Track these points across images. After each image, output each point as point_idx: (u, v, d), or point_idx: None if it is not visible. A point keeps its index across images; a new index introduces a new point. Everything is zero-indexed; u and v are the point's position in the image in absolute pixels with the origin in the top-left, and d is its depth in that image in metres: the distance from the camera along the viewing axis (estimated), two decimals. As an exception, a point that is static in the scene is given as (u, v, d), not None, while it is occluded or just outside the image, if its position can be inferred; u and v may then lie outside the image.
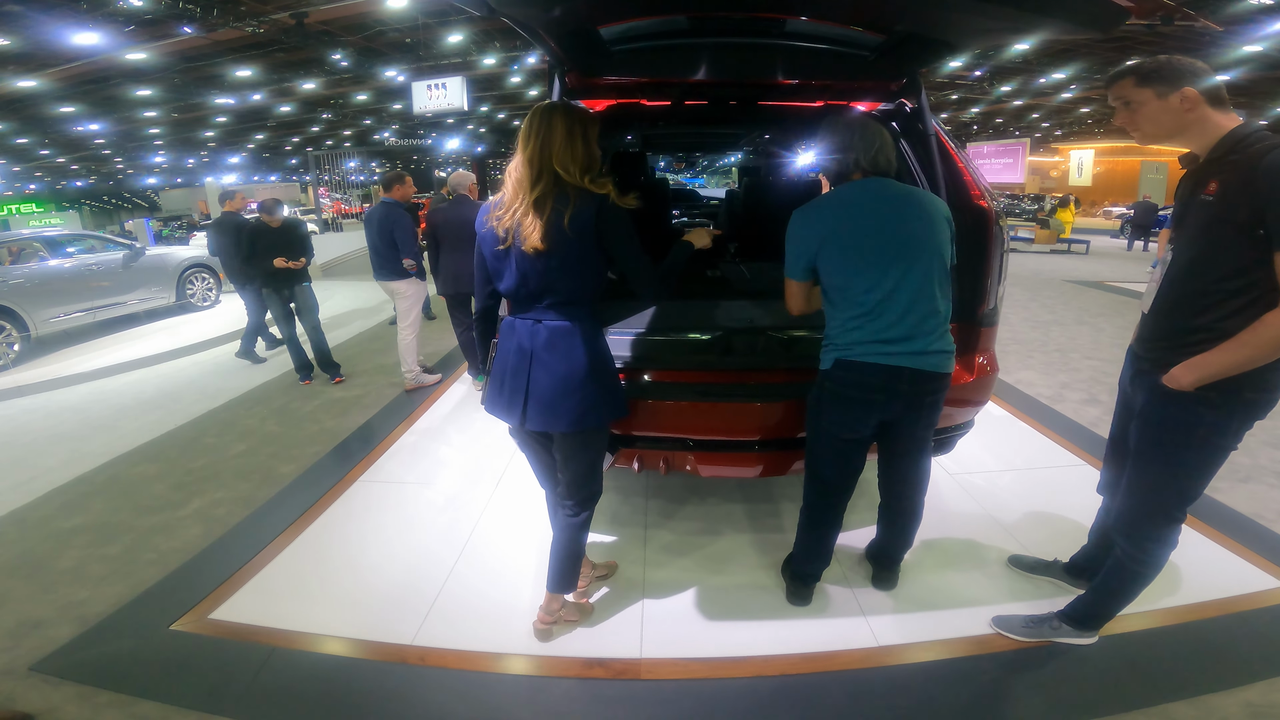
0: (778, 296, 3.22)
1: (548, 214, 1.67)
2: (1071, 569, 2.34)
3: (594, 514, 2.06)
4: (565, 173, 1.67)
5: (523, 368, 1.81)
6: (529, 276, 1.75)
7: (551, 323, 1.79)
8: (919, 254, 1.78)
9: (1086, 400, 4.28)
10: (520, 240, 1.69)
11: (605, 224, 1.70)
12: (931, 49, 2.06)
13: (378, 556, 2.65)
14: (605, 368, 1.86)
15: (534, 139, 1.68)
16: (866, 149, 1.80)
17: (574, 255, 1.71)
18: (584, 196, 1.68)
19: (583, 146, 1.70)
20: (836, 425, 1.92)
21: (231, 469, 3.55)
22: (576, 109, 1.70)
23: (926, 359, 1.81)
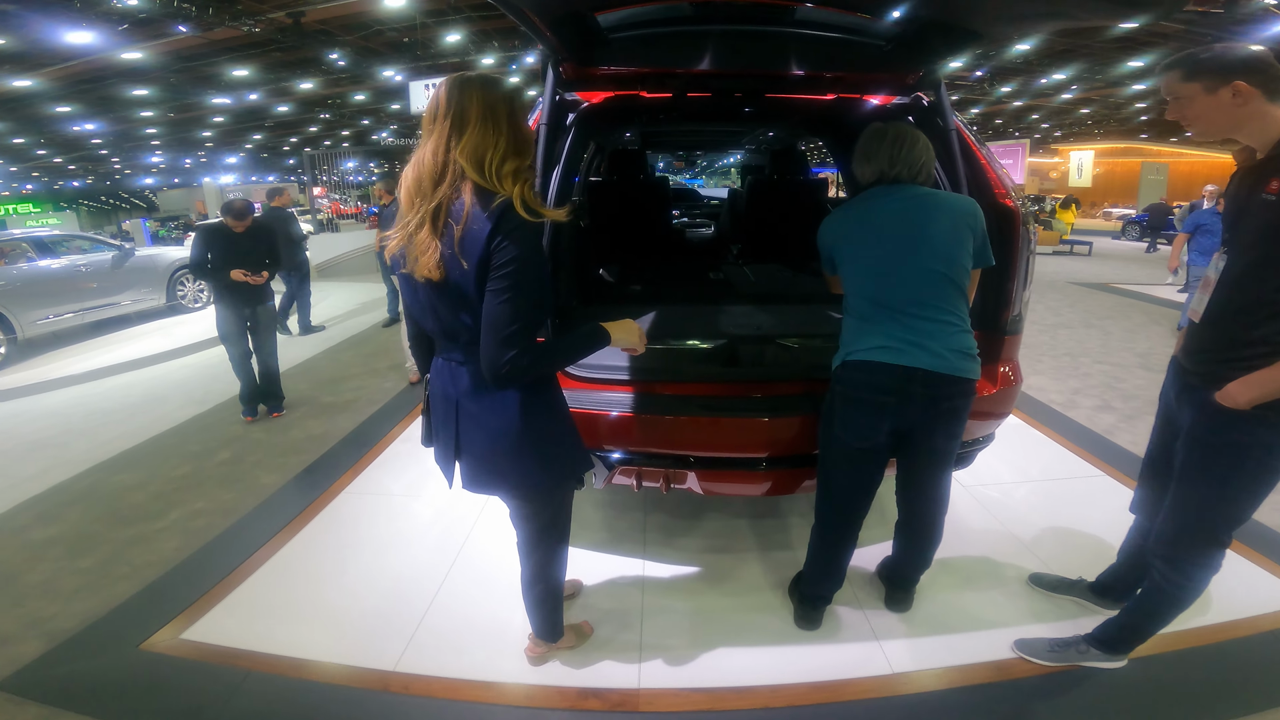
0: (784, 301, 3.08)
1: (443, 230, 1.26)
2: (1098, 589, 2.22)
3: (585, 533, 1.92)
4: (476, 168, 1.26)
5: (450, 418, 1.46)
6: (438, 311, 1.36)
7: (475, 368, 1.38)
8: (934, 254, 1.71)
9: (1100, 407, 4.16)
10: (413, 266, 1.30)
11: (496, 242, 1.23)
12: (956, 39, 1.92)
13: (362, 573, 2.52)
14: (553, 418, 1.47)
15: (440, 123, 1.27)
16: (890, 160, 1.76)
17: (477, 284, 1.27)
18: (484, 201, 1.26)
19: (508, 130, 1.28)
20: (847, 431, 1.82)
21: (214, 478, 3.42)
22: (500, 82, 1.31)
23: (943, 360, 1.71)
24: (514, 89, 1.32)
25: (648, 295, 3.22)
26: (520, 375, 1.28)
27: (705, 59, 2.09)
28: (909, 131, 1.77)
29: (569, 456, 1.52)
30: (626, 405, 2.04)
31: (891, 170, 1.77)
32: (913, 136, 1.76)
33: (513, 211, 1.25)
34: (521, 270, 1.25)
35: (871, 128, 1.80)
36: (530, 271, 1.26)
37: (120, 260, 7.52)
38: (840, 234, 1.84)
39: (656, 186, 4.17)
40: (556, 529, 1.70)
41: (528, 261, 1.25)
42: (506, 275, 1.25)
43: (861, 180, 1.84)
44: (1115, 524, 2.63)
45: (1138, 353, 5.46)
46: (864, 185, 1.84)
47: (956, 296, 1.74)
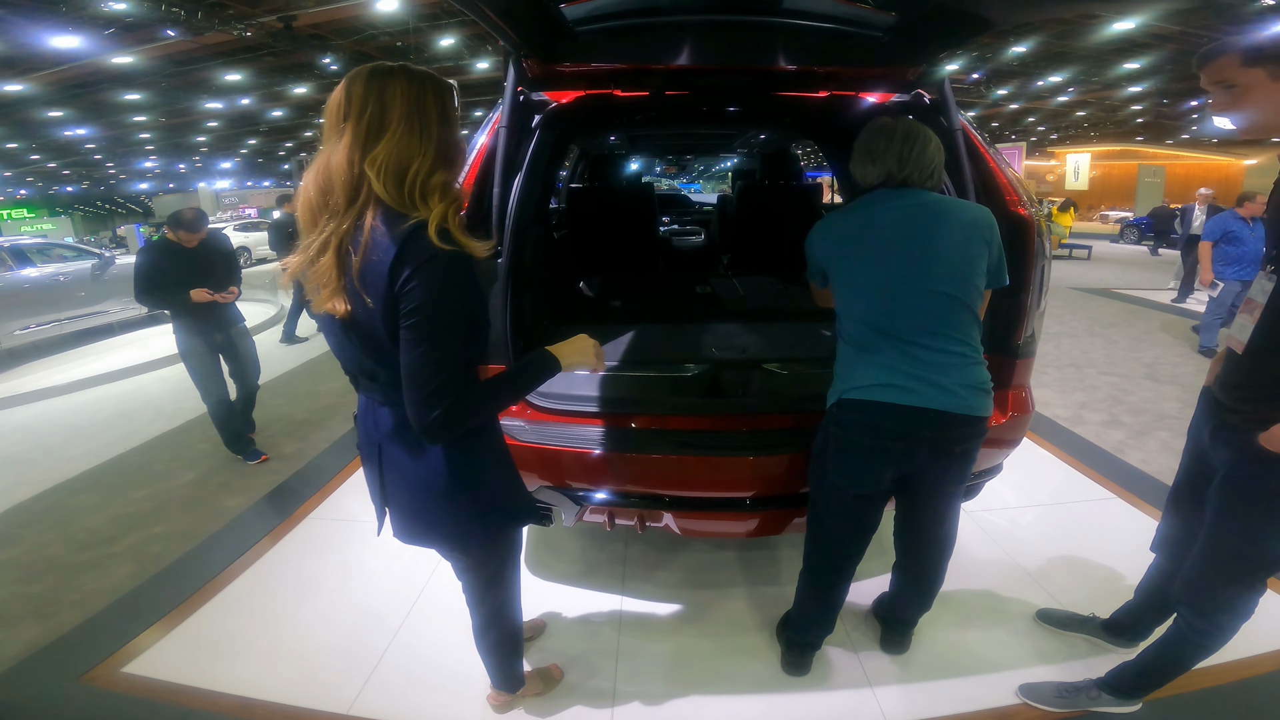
0: (774, 318, 2.84)
1: (345, 257, 1.06)
2: (1112, 627, 2.05)
3: (560, 564, 1.74)
4: (395, 182, 1.04)
5: (373, 462, 1.28)
6: (349, 349, 1.16)
7: (396, 410, 1.19)
8: (945, 274, 1.49)
9: (1108, 422, 3.99)
10: (313, 296, 1.12)
11: (403, 278, 1.01)
12: (960, 27, 1.73)
13: (321, 606, 2.36)
14: (489, 461, 1.29)
15: (352, 125, 1.03)
16: (900, 160, 1.53)
17: (387, 327, 1.07)
18: (389, 225, 1.03)
19: (438, 135, 1.07)
20: (844, 478, 1.62)
21: (176, 500, 3.27)
22: (428, 75, 1.08)
23: (956, 398, 1.50)
24: (445, 84, 1.11)
25: (628, 312, 3.03)
26: (455, 431, 1.09)
27: (684, 54, 1.89)
28: (920, 129, 1.55)
29: (508, 504, 1.34)
30: (595, 441, 1.85)
31: (900, 172, 1.53)
32: (924, 134, 1.55)
33: (422, 238, 1.02)
34: (439, 314, 1.03)
35: (876, 122, 1.58)
36: (451, 315, 1.05)
37: (101, 269, 7.38)
38: (836, 245, 1.59)
39: (641, 193, 3.96)
40: (503, 578, 1.52)
41: (446, 303, 1.04)
42: (421, 322, 1.03)
43: (863, 182, 1.60)
44: (1129, 553, 2.52)
45: (1144, 363, 5.30)
46: (865, 188, 1.61)
47: (970, 323, 1.53)
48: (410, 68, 1.08)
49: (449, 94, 1.11)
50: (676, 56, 1.92)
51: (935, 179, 1.57)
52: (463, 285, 1.07)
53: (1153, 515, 2.83)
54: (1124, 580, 2.39)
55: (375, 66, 1.06)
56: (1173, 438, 3.72)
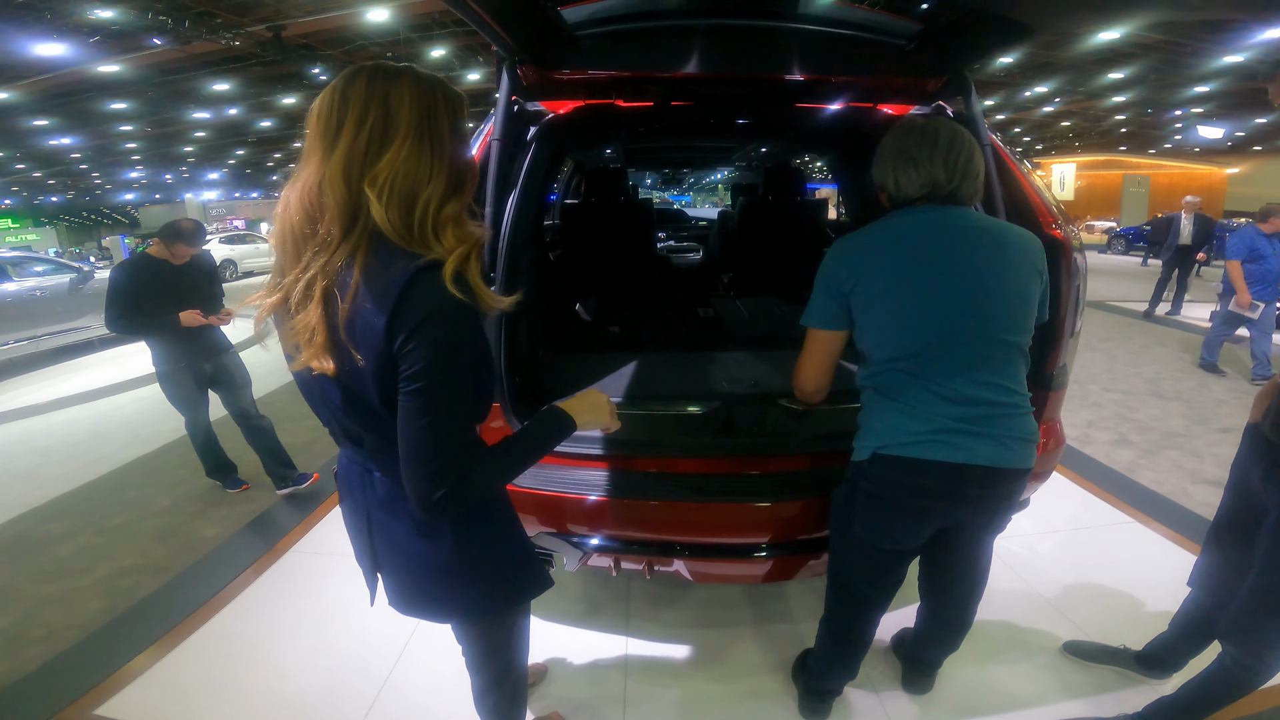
0: (784, 345, 2.62)
1: (333, 303, 0.87)
2: (1146, 660, 1.96)
3: (561, 603, 1.60)
4: (403, 210, 0.87)
5: (361, 528, 1.12)
6: (333, 408, 0.99)
7: (388, 478, 1.03)
8: (1005, 315, 1.29)
9: (1117, 441, 3.91)
10: (291, 351, 0.93)
11: (403, 335, 0.84)
12: (998, 34, 1.58)
13: (304, 649, 2.20)
14: (496, 533, 1.12)
15: (348, 133, 0.86)
16: (947, 168, 1.29)
17: (380, 389, 0.90)
18: (385, 263, 0.86)
19: (451, 153, 0.90)
20: (876, 535, 1.45)
21: (149, 529, 3.09)
22: (439, 81, 0.91)
23: (1007, 452, 1.32)
24: (457, 95, 0.93)
25: (629, 339, 2.86)
26: (461, 509, 0.93)
27: (691, 61, 1.77)
28: (963, 131, 1.33)
29: (518, 578, 1.17)
30: (598, 486, 1.71)
31: (950, 183, 1.30)
32: (968, 139, 1.33)
33: (432, 284, 0.84)
34: (448, 379, 0.86)
35: (911, 122, 1.36)
36: (460, 378, 0.88)
37: (79, 283, 7.18)
38: (868, 271, 1.32)
39: (639, 209, 3.81)
40: (510, 644, 1.37)
41: (455, 365, 0.87)
42: (425, 388, 0.86)
43: (896, 193, 1.35)
44: (1152, 579, 2.45)
45: (1146, 379, 5.24)
46: (900, 200, 1.37)
47: (1023, 367, 1.35)
48: (418, 70, 0.91)
49: (461, 107, 0.94)
50: (683, 64, 1.80)
51: (979, 194, 1.36)
52: (473, 340, 0.90)
53: (1171, 539, 2.76)
54: (1149, 608, 2.31)
55: (378, 65, 0.89)
56: (1183, 456, 3.65)
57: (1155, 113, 22.05)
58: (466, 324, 0.88)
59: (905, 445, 1.33)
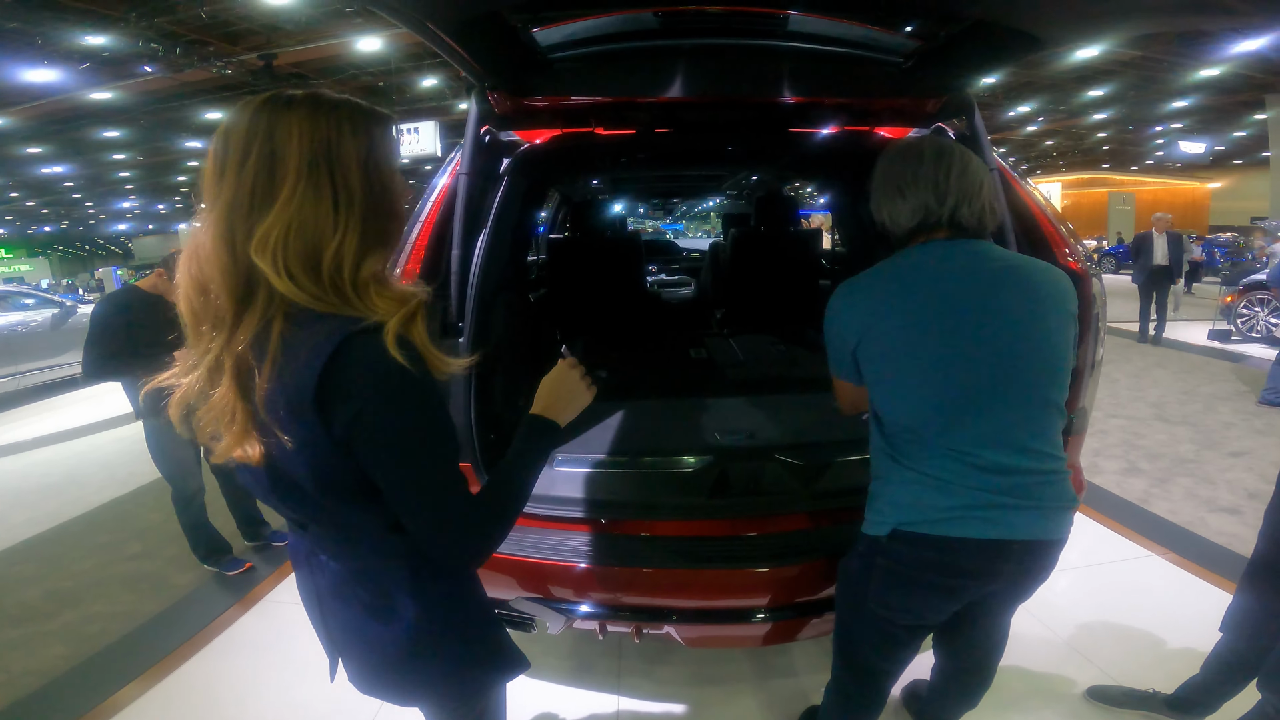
0: (782, 389, 2.48)
1: (249, 381, 0.74)
2: (1178, 705, 1.85)
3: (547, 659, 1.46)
4: (307, 271, 0.73)
5: (314, 609, 0.99)
6: (265, 494, 0.84)
7: (335, 563, 0.90)
8: (1040, 369, 1.13)
9: (1127, 470, 3.80)
10: (208, 443, 0.80)
11: (344, 409, 0.73)
12: (998, 50, 1.47)
13: (273, 704, 2.07)
14: (459, 614, 0.98)
15: (227, 186, 0.73)
16: (937, 189, 1.14)
17: (314, 473, 0.77)
18: (308, 329, 0.73)
19: (364, 197, 0.76)
20: (893, 612, 1.28)
21: (119, 575, 2.97)
22: (348, 106, 0.77)
23: (1047, 522, 1.15)
24: (376, 117, 0.79)
25: (617, 386, 2.70)
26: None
27: (675, 85, 1.66)
28: (952, 145, 1.18)
29: (488, 661, 1.02)
30: (580, 553, 1.56)
31: (942, 205, 1.15)
32: (960, 152, 1.17)
33: (372, 350, 0.72)
34: (420, 450, 0.77)
35: (895, 147, 1.22)
36: (434, 444, 0.78)
37: (61, 319, 7.06)
38: (872, 322, 1.17)
39: (628, 243, 3.68)
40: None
41: (422, 432, 0.77)
42: (410, 467, 0.76)
43: (894, 228, 1.22)
44: (1177, 616, 2.34)
45: (1150, 403, 5.15)
46: (900, 237, 1.23)
47: (1060, 427, 1.18)
48: (320, 95, 0.76)
49: (381, 132, 0.78)
50: (667, 88, 1.68)
51: (989, 216, 1.19)
52: (431, 406, 0.79)
53: (1193, 572, 2.65)
54: (1176, 646, 2.19)
55: (274, 93, 0.75)
56: (1196, 484, 3.55)
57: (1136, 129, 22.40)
58: (422, 393, 0.76)
59: (934, 523, 1.15)
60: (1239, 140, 23.07)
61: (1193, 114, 19.70)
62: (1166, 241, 7.36)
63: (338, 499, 0.79)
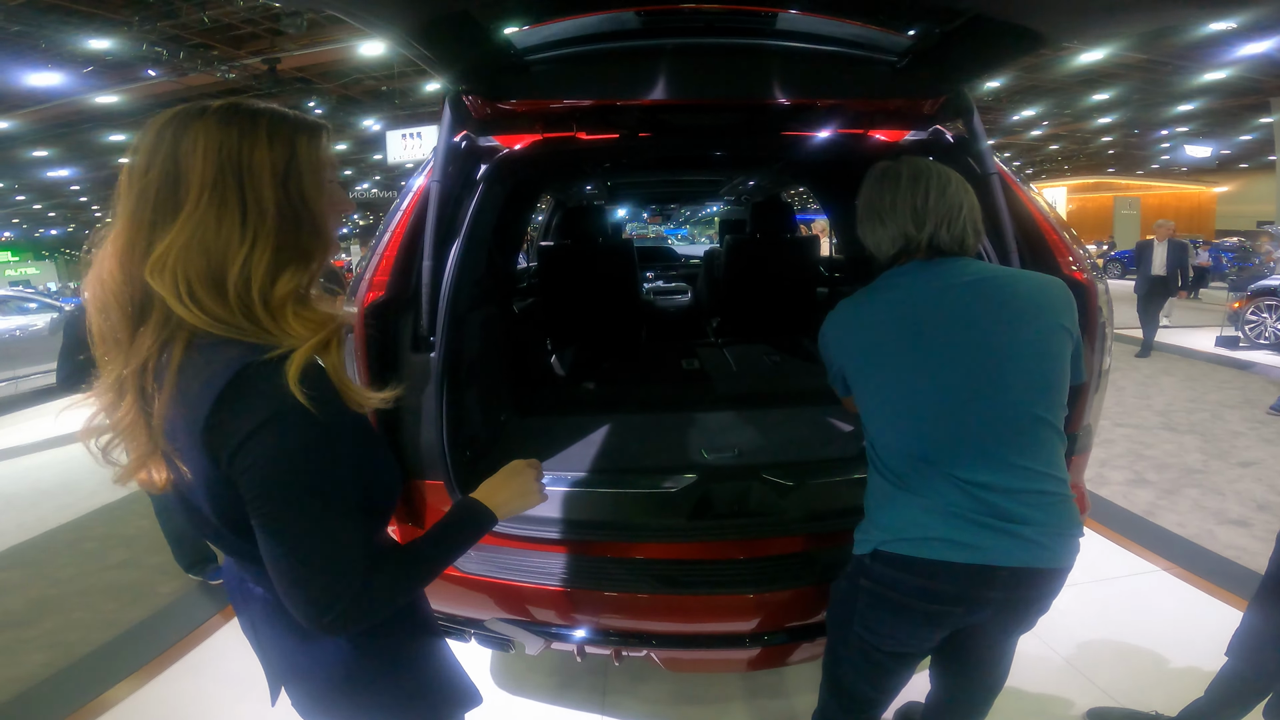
0: (774, 403, 2.41)
1: (151, 403, 0.70)
2: None
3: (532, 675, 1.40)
4: (213, 292, 0.68)
5: (250, 635, 0.93)
6: (183, 518, 0.79)
7: (262, 589, 0.85)
8: (1023, 383, 1.10)
9: (1133, 481, 3.73)
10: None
11: (231, 446, 0.67)
12: (998, 46, 1.41)
13: (250, 715, 2.02)
14: (403, 645, 0.92)
15: (127, 204, 0.69)
16: (915, 214, 1.13)
17: (215, 508, 0.73)
18: (206, 356, 0.68)
19: (277, 212, 0.70)
20: (879, 638, 1.23)
21: (103, 583, 2.95)
22: (260, 112, 0.72)
23: (1039, 550, 1.08)
24: (299, 125, 0.74)
25: (604, 398, 2.61)
26: (361, 626, 0.75)
27: (659, 87, 1.59)
28: (929, 166, 1.17)
29: (435, 693, 0.96)
30: (557, 576, 1.49)
31: (920, 231, 1.13)
32: (937, 173, 1.16)
33: (268, 385, 0.66)
34: (303, 502, 0.69)
35: (876, 171, 1.20)
36: (322, 496, 0.70)
37: (59, 323, 7.07)
38: (857, 346, 1.18)
39: (620, 251, 3.59)
40: None
41: (309, 483, 0.69)
42: (279, 513, 0.69)
43: (878, 254, 1.22)
44: (1182, 634, 2.27)
45: (1157, 411, 5.09)
46: (883, 262, 1.22)
47: (1056, 444, 1.12)
48: (238, 104, 0.71)
49: (308, 141, 0.73)
50: (650, 90, 1.61)
51: (972, 236, 1.16)
52: (330, 449, 0.71)
53: (1200, 587, 2.59)
54: (1181, 666, 2.13)
55: (187, 106, 0.71)
56: (1204, 495, 3.49)
57: (1142, 133, 22.29)
58: (316, 432, 0.68)
59: (913, 542, 1.10)
60: (1245, 144, 22.93)
61: (1199, 118, 19.60)
62: (1167, 250, 7.06)
63: (239, 534, 0.73)
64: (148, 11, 9.98)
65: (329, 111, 15.34)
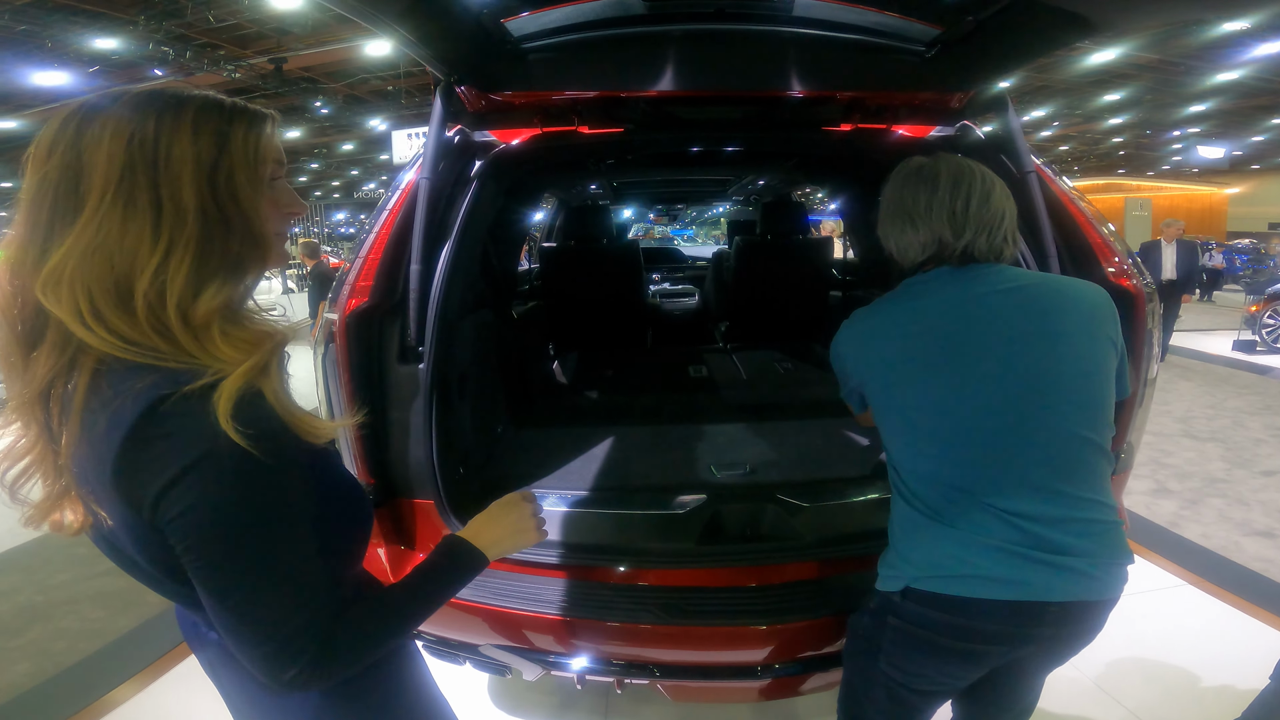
0: (786, 415, 2.28)
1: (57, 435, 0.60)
2: None
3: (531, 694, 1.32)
4: (117, 308, 0.58)
5: (211, 676, 0.82)
6: (114, 562, 0.69)
7: (217, 638, 0.72)
8: (1070, 403, 0.99)
9: (1155, 491, 3.62)
10: None
11: (151, 495, 0.56)
12: (1038, 36, 1.30)
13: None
14: (366, 689, 0.81)
15: (24, 206, 0.59)
16: (953, 219, 1.02)
17: (145, 555, 0.63)
18: (119, 386, 0.57)
19: (198, 213, 0.60)
20: (906, 676, 1.12)
21: (92, 590, 2.88)
22: (181, 99, 0.62)
23: (1090, 583, 0.98)
24: (231, 113, 0.63)
25: (607, 409, 2.48)
26: (328, 682, 0.65)
27: (666, 77, 1.49)
28: (972, 167, 1.05)
29: None
30: (556, 603, 1.39)
31: (959, 239, 1.02)
32: (981, 176, 1.04)
33: (191, 422, 0.56)
34: (247, 551, 0.59)
35: (907, 166, 1.09)
36: (272, 542, 0.61)
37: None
38: (871, 361, 1.08)
39: (625, 252, 3.49)
40: None
41: (254, 530, 0.59)
42: (216, 567, 0.59)
43: (902, 259, 1.10)
44: (1213, 650, 2.20)
45: (1176, 418, 4.97)
46: (907, 268, 1.11)
47: (1105, 468, 1.02)
48: (157, 91, 0.62)
49: (244, 133, 0.63)
50: (656, 81, 1.52)
51: (1010, 246, 1.06)
52: (285, 486, 0.61)
53: (1228, 601, 2.50)
54: (1213, 684, 2.05)
55: (95, 97, 0.61)
56: (1229, 505, 3.38)
57: (1153, 134, 22.06)
58: (256, 476, 0.58)
59: (950, 580, 0.99)
60: (1258, 145, 22.68)
61: (1211, 118, 19.38)
62: (1177, 252, 6.56)
63: (181, 582, 0.64)
64: (154, 10, 9.97)
65: (335, 111, 15.35)
